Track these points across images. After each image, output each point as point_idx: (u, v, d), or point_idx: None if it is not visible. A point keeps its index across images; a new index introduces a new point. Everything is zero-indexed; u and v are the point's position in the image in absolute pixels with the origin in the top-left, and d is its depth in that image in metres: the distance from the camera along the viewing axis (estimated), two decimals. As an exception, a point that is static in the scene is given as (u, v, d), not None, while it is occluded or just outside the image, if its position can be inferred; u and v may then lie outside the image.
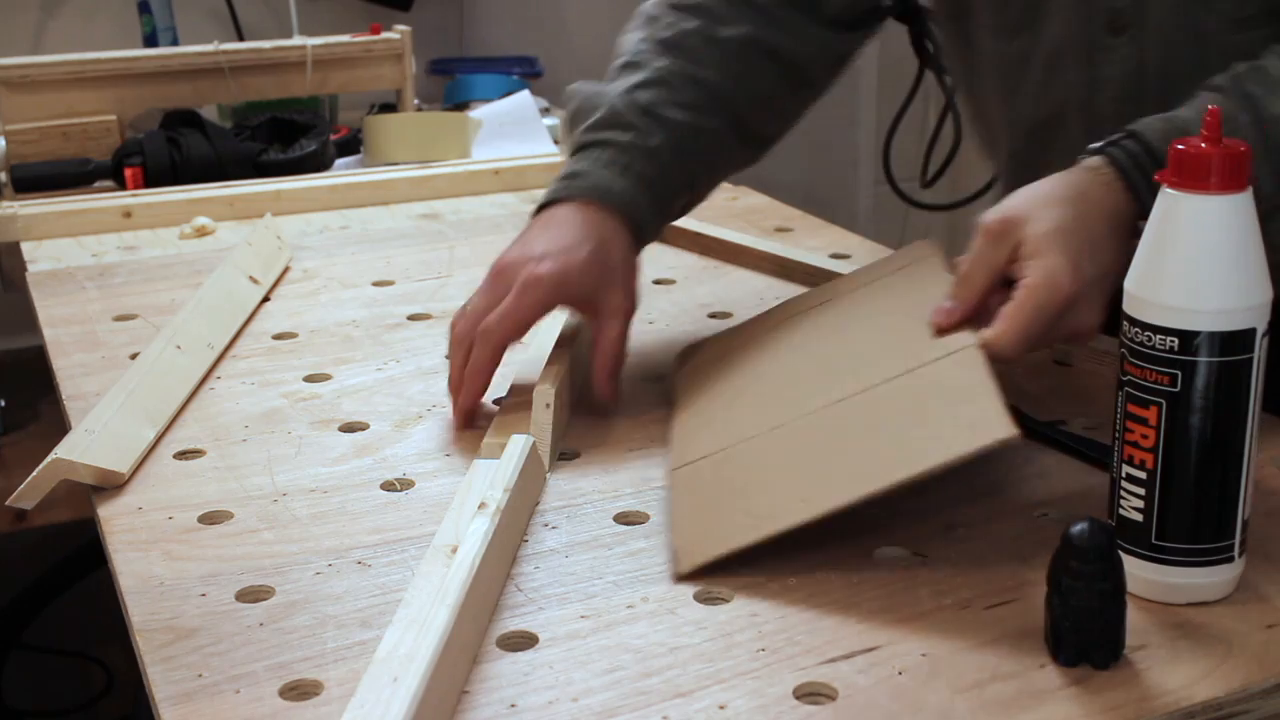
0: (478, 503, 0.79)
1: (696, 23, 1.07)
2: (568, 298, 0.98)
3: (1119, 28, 1.01)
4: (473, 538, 0.75)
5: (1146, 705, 0.66)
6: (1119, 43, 1.02)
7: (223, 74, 1.76)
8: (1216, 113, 0.70)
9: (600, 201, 1.00)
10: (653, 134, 1.03)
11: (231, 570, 0.79)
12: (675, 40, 1.06)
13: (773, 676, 0.68)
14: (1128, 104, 1.03)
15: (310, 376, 1.07)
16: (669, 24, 1.07)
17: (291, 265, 1.33)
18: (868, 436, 0.80)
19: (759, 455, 0.84)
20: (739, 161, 1.14)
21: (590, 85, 1.07)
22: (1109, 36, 1.02)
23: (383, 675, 0.63)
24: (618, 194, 1.00)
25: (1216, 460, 0.71)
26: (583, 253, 0.97)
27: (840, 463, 0.80)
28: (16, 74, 1.65)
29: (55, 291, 1.28)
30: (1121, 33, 1.01)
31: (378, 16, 2.12)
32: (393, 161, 1.69)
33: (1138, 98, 1.02)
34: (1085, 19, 1.03)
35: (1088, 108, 1.05)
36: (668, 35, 1.07)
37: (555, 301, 0.97)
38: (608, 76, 1.08)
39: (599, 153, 1.02)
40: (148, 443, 0.94)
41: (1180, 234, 0.70)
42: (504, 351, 0.96)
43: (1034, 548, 0.79)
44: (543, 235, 0.99)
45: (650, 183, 1.02)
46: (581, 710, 0.66)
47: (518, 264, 0.97)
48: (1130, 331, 0.72)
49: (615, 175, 1.01)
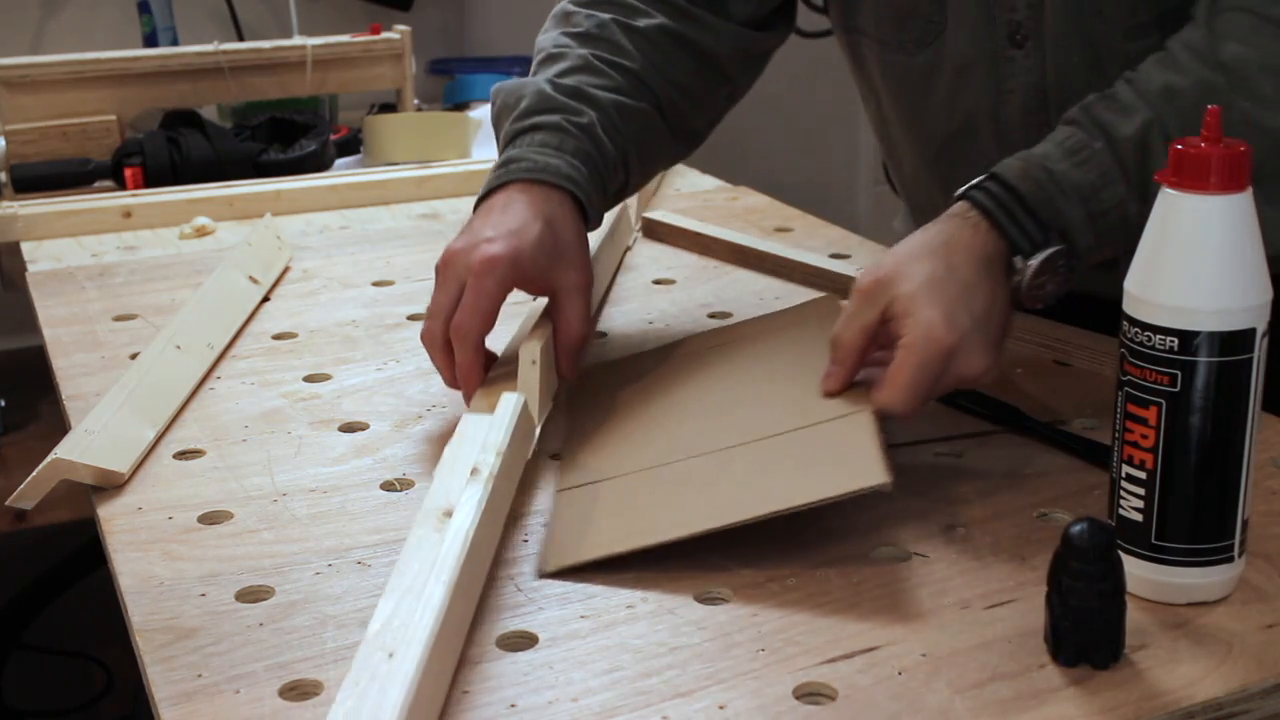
0: (469, 465, 0.78)
1: (611, 15, 1.08)
2: (523, 278, 0.95)
3: (1019, 40, 1.04)
4: (466, 506, 0.74)
5: (1146, 705, 0.66)
6: (1020, 54, 1.05)
7: (223, 74, 1.76)
8: (1216, 112, 0.70)
9: (540, 181, 0.98)
10: (581, 113, 1.01)
11: (231, 570, 0.79)
12: (593, 32, 1.07)
13: (773, 676, 0.68)
14: (1033, 114, 1.06)
15: (310, 376, 1.07)
16: (584, 18, 1.08)
17: (291, 265, 1.33)
18: (750, 476, 0.83)
19: (643, 486, 0.85)
20: (669, 152, 1.14)
21: (511, 82, 1.06)
22: (1010, 48, 1.05)
23: (376, 650, 0.63)
24: (555, 170, 0.98)
25: (1216, 460, 0.71)
26: (533, 232, 0.95)
27: (720, 493, 0.82)
28: (16, 74, 1.65)
29: (55, 291, 1.28)
30: (1022, 44, 1.04)
31: (378, 16, 2.12)
32: (393, 161, 1.69)
33: (1042, 107, 1.05)
34: (987, 33, 1.06)
35: (996, 118, 1.09)
36: (585, 28, 1.08)
37: (512, 282, 0.94)
38: (531, 74, 1.08)
39: (531, 136, 1.01)
40: (148, 443, 0.94)
41: (1180, 234, 0.70)
42: (484, 344, 0.94)
43: (1034, 548, 0.79)
44: (487, 221, 0.96)
45: (586, 157, 1.00)
46: (581, 710, 0.66)
47: (466, 250, 0.94)
48: (1130, 331, 0.72)
49: (550, 154, 0.99)
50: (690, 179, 1.65)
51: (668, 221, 1.39)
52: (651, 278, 1.28)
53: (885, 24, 1.11)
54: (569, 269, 0.97)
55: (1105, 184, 0.87)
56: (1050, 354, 1.06)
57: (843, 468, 0.79)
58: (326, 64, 1.81)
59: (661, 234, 1.39)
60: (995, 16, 1.05)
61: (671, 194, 1.58)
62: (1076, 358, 1.05)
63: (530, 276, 0.95)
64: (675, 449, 0.88)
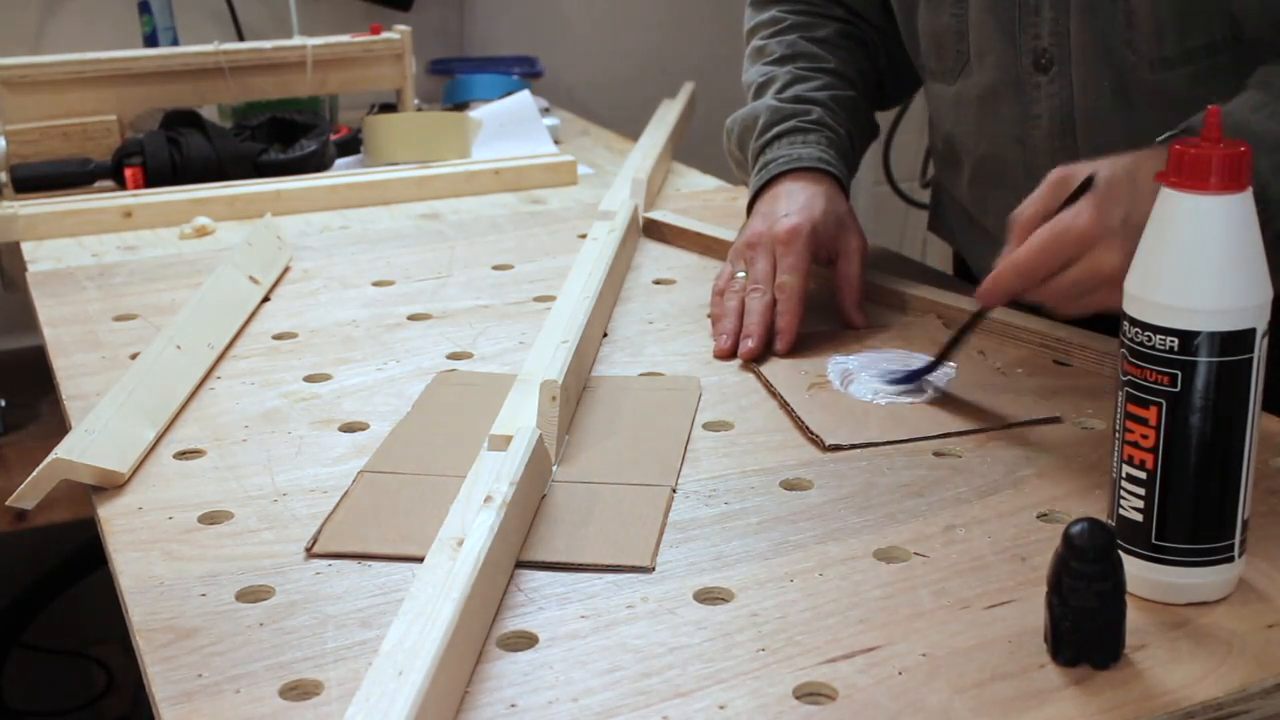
0: (483, 496, 0.79)
1: (794, 35, 1.26)
2: (818, 244, 1.10)
3: (1045, 65, 1.08)
4: (478, 531, 0.75)
5: (1146, 705, 0.66)
6: (1046, 80, 1.09)
7: (223, 74, 1.76)
8: (1216, 112, 0.70)
9: (803, 169, 1.15)
10: (810, 112, 1.19)
11: (231, 570, 0.79)
12: (788, 53, 1.25)
13: (773, 676, 0.68)
14: (1060, 140, 1.07)
15: (310, 376, 1.07)
16: (776, 44, 1.26)
17: (291, 265, 1.33)
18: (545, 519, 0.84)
19: (438, 492, 0.85)
20: (874, 125, 1.31)
21: (742, 110, 1.24)
22: (1036, 74, 1.09)
23: (387, 669, 0.63)
24: (812, 158, 1.15)
25: (1216, 460, 0.71)
26: (818, 206, 1.11)
27: None
28: (16, 74, 1.65)
29: (55, 291, 1.28)
30: (1047, 70, 1.08)
31: (378, 16, 2.12)
32: (393, 161, 1.69)
33: (1069, 134, 1.07)
34: (1014, 59, 1.10)
35: (1023, 144, 1.11)
36: (779, 53, 1.25)
37: (813, 247, 1.10)
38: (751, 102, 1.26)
39: (779, 141, 1.18)
40: (148, 443, 0.94)
41: (1180, 234, 0.70)
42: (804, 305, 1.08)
43: (1034, 548, 0.79)
44: (775, 205, 1.13)
45: (829, 143, 1.18)
46: (581, 710, 0.66)
47: (765, 231, 1.11)
48: (1130, 331, 0.72)
49: (802, 148, 1.16)
50: (690, 179, 1.65)
51: (668, 221, 1.39)
52: (651, 278, 1.28)
53: (930, 54, 1.19)
54: (850, 235, 1.14)
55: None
56: (1050, 354, 1.06)
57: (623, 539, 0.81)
58: (326, 64, 1.81)
59: (662, 234, 1.39)
60: (1020, 44, 1.08)
61: (671, 194, 1.58)
62: (1076, 358, 1.05)
63: (823, 241, 1.11)
64: None
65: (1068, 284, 0.89)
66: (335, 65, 1.82)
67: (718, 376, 1.05)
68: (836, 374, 1.04)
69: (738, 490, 0.88)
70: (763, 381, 1.04)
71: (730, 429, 0.96)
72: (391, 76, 1.87)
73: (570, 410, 0.97)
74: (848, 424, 0.96)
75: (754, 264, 1.11)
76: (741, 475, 0.90)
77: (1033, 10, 1.08)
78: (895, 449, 0.93)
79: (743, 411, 0.99)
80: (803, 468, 0.90)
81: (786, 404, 0.99)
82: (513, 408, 0.92)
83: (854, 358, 1.06)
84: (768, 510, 0.85)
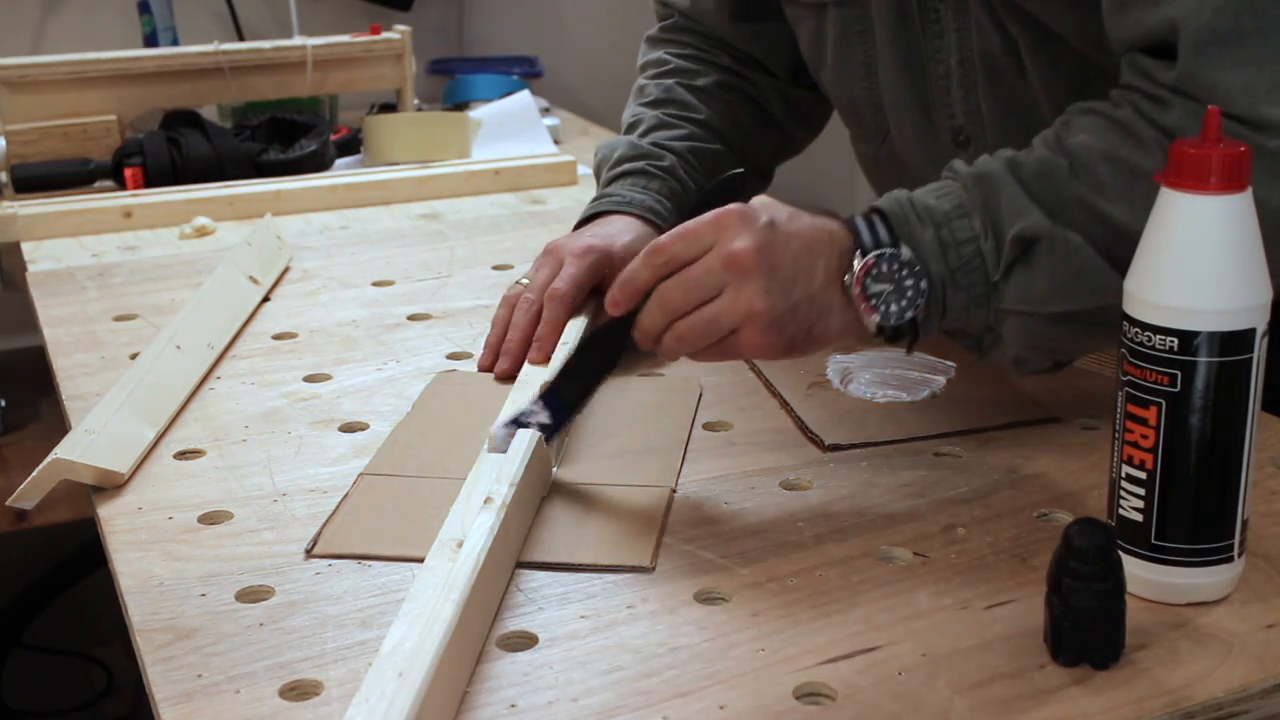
0: (483, 497, 0.79)
1: (673, 80, 1.26)
2: (613, 270, 1.06)
3: (962, 142, 1.10)
4: (478, 533, 0.75)
5: (1146, 705, 0.66)
6: (965, 154, 1.09)
7: (223, 74, 1.76)
8: (1215, 113, 0.70)
9: (628, 211, 1.15)
10: (663, 158, 1.19)
11: (231, 570, 0.79)
12: (661, 96, 1.25)
13: (773, 676, 0.68)
14: None
15: (310, 376, 1.07)
16: (654, 87, 1.26)
17: (291, 265, 1.33)
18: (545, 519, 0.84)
19: (438, 494, 0.85)
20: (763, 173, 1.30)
21: (608, 140, 1.25)
22: (955, 149, 1.10)
23: (387, 670, 0.63)
24: (641, 204, 1.16)
25: (1216, 460, 0.71)
26: (624, 240, 1.11)
27: None
28: (16, 74, 1.65)
29: (55, 291, 1.28)
30: (965, 146, 1.09)
31: (378, 16, 2.12)
32: (393, 161, 1.69)
33: None
34: (930, 135, 1.11)
35: None
36: (654, 95, 1.25)
37: (604, 269, 1.07)
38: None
39: (624, 180, 1.19)
40: (148, 443, 0.94)
41: (1179, 234, 0.70)
42: (571, 314, 1.05)
43: (1034, 548, 0.79)
44: (585, 229, 1.14)
45: (670, 193, 1.18)
46: (581, 710, 0.66)
47: (563, 244, 1.10)
48: (1130, 331, 0.72)
49: (637, 192, 1.17)
50: (690, 179, 1.65)
51: (668, 221, 1.39)
52: (651, 278, 1.28)
53: (849, 120, 1.21)
54: None
55: (958, 215, 0.86)
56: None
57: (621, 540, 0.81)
58: (326, 64, 1.81)
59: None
60: (937, 124, 1.10)
61: (671, 194, 1.58)
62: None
63: (617, 269, 1.05)
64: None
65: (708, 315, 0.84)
66: (335, 65, 1.82)
67: (717, 377, 1.05)
68: (836, 373, 1.04)
69: (737, 490, 0.88)
70: (762, 381, 1.04)
71: (730, 429, 0.96)
72: (391, 76, 1.87)
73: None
74: (847, 424, 0.96)
75: (539, 271, 1.09)
76: (741, 475, 0.90)
77: (943, 90, 1.08)
78: (895, 449, 0.93)
79: (742, 411, 0.99)
80: (802, 468, 0.90)
81: (786, 404, 0.99)
82: (513, 408, 0.92)
83: (853, 357, 1.06)
84: (767, 510, 0.85)
